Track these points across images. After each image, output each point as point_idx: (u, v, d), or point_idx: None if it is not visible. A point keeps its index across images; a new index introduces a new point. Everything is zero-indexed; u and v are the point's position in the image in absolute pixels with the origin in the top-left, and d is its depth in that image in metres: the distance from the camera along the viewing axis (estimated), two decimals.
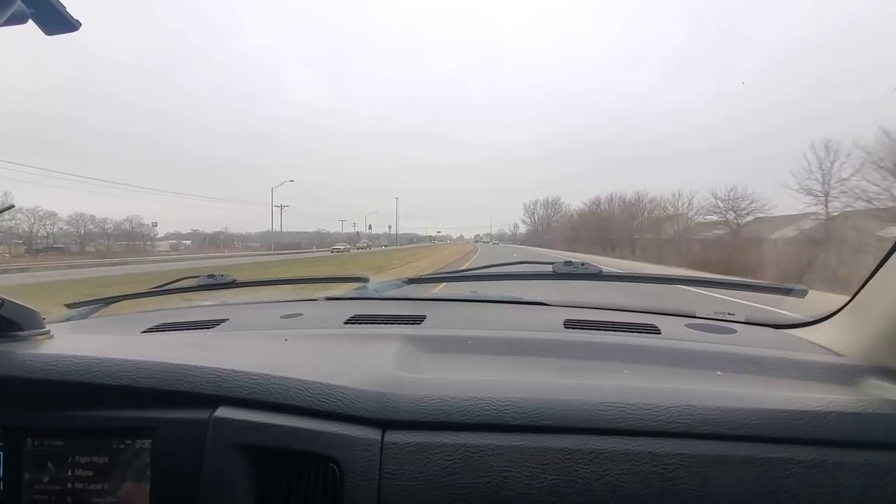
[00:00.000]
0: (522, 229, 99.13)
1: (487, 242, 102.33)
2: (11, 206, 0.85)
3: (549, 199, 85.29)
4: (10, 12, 0.52)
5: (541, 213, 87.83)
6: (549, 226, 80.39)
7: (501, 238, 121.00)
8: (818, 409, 0.57)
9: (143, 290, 1.48)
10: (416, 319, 1.04)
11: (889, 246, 0.73)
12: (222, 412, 0.60)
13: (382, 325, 1.03)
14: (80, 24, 0.62)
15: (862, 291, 0.81)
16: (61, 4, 0.60)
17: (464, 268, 1.60)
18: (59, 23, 0.60)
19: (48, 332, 0.73)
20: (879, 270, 0.76)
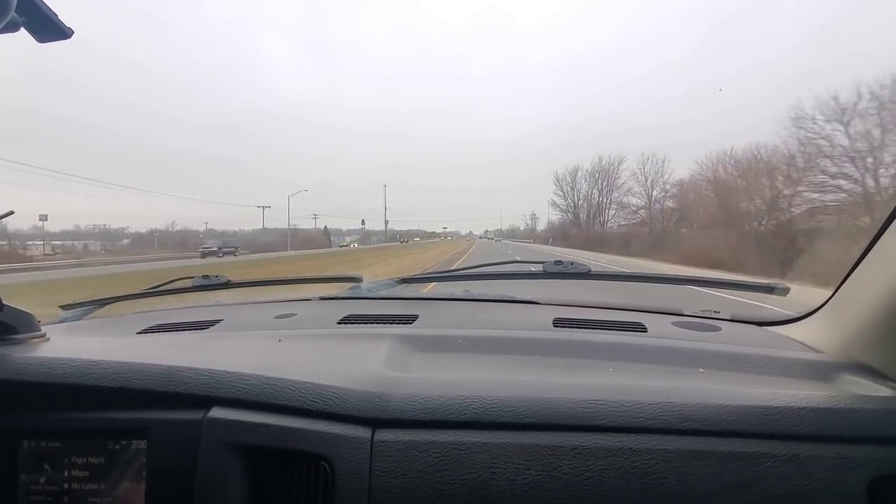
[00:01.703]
0: (543, 221, 75.67)
1: (491, 239, 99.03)
2: (11, 213, 0.86)
3: (605, 163, 45.88)
4: (3, 23, 0.52)
5: (584, 190, 50.58)
6: (599, 209, 47.14)
7: (513, 235, 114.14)
8: (792, 404, 0.59)
9: (138, 290, 1.50)
10: (409, 319, 1.06)
11: (867, 241, 0.75)
12: (216, 413, 0.61)
13: (375, 324, 1.04)
14: (73, 32, 0.63)
15: (841, 288, 0.83)
16: (53, 12, 0.60)
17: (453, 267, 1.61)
18: (51, 31, 0.61)
19: (44, 334, 0.74)
20: (858, 267, 0.77)
